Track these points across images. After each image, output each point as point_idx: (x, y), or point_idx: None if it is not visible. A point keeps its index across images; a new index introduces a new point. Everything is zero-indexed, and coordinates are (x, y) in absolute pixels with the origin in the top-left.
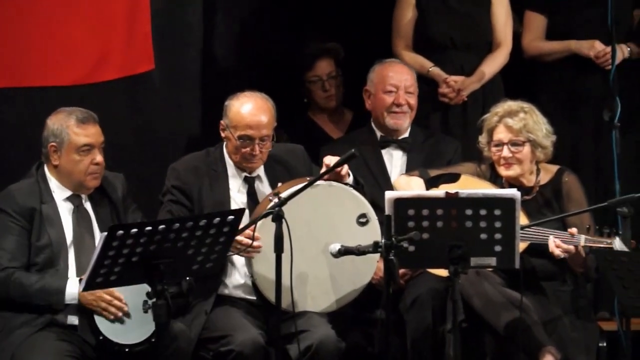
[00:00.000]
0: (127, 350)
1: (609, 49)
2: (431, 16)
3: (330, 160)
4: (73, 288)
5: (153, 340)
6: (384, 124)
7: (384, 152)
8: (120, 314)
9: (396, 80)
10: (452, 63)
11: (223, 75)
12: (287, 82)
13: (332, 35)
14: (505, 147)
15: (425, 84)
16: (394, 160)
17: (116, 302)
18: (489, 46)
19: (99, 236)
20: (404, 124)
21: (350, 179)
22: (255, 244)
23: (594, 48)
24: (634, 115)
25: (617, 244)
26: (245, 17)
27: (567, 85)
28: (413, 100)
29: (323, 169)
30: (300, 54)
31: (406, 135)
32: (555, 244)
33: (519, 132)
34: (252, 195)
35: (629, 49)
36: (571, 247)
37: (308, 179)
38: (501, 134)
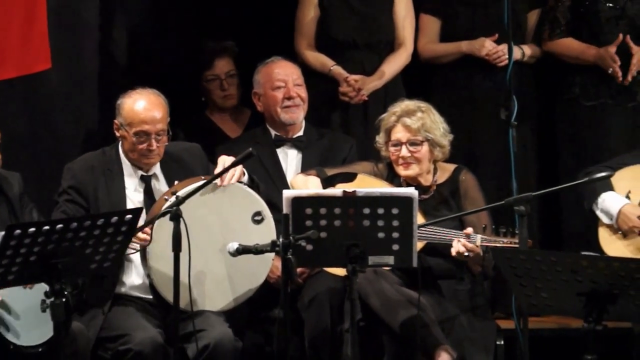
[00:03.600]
0: (25, 351)
1: (500, 47)
2: (333, 15)
3: (225, 159)
4: None
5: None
6: (279, 121)
7: (279, 151)
8: None
9: (283, 75)
10: (354, 62)
11: (121, 74)
12: (185, 80)
13: (229, 33)
14: (403, 147)
15: (327, 82)
16: (289, 159)
17: None
18: (390, 46)
19: None
20: (299, 117)
21: (245, 178)
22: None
23: (485, 47)
24: (527, 115)
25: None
26: (143, 15)
27: (463, 84)
28: (303, 93)
29: (218, 168)
30: (198, 52)
31: (300, 133)
32: (462, 243)
33: (417, 131)
34: (149, 193)
35: (522, 50)
36: (476, 247)
37: (204, 177)
38: (399, 133)
